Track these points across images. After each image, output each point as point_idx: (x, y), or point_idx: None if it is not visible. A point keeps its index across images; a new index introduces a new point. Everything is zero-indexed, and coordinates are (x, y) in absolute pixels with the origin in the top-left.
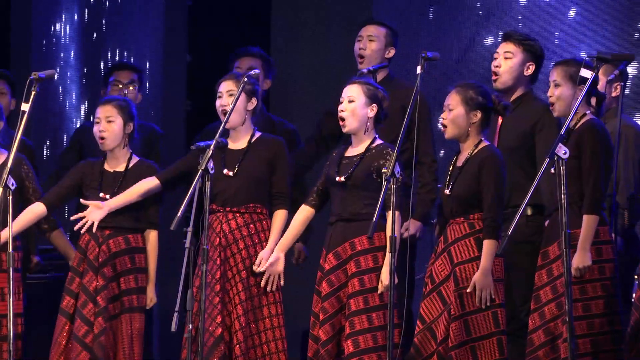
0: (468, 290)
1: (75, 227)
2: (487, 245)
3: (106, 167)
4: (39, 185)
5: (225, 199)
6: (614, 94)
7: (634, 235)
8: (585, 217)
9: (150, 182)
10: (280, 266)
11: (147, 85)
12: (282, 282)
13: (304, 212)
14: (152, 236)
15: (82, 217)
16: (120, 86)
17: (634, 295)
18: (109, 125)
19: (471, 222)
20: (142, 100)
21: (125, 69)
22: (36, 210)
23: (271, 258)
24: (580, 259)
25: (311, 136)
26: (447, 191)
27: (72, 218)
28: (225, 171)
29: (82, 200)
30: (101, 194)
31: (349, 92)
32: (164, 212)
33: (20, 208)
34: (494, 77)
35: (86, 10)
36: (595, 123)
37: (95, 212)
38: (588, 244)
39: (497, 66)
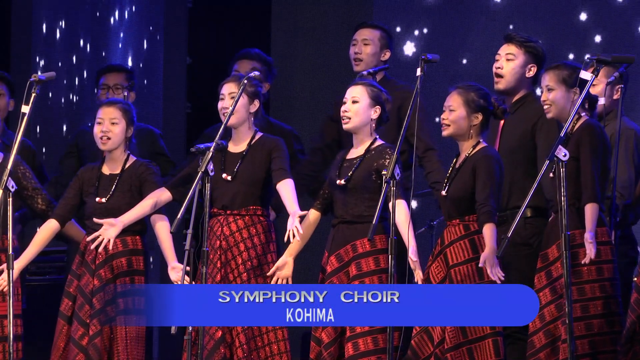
0: (480, 265)
1: (92, 246)
2: (488, 229)
3: (104, 170)
4: (39, 184)
5: (224, 203)
6: (615, 97)
7: (631, 236)
8: (586, 207)
9: (160, 193)
10: (288, 270)
11: (147, 87)
12: None
13: (311, 216)
14: (160, 221)
15: (99, 236)
16: (108, 90)
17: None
18: (113, 127)
19: (466, 224)
20: (143, 102)
21: (113, 71)
22: (51, 227)
23: (279, 262)
24: (589, 251)
25: (315, 146)
26: (443, 192)
27: (88, 239)
28: (224, 175)
29: (95, 219)
30: (97, 199)
31: (353, 92)
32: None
33: (21, 210)
34: (496, 79)
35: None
36: (593, 123)
37: (110, 229)
38: (593, 232)
39: (499, 67)
